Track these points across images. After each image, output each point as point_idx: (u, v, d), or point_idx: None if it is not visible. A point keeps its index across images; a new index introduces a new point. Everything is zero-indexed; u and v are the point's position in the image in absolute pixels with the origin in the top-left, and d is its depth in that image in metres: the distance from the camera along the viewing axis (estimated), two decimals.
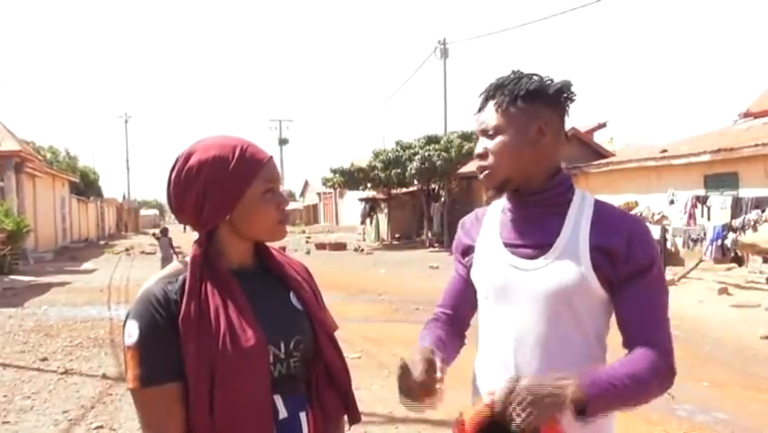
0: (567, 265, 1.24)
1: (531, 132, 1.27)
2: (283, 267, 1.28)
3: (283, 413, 1.16)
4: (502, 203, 1.41)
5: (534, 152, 1.27)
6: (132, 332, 1.10)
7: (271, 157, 1.22)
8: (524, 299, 1.28)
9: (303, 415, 1.18)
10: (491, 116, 1.29)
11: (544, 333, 1.27)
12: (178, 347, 1.09)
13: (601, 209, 1.29)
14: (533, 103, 1.26)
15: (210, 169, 1.15)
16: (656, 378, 1.19)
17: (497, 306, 1.34)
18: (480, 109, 1.33)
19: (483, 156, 1.31)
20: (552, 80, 1.30)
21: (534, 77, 1.29)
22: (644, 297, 1.24)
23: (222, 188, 1.15)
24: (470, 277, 1.42)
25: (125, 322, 1.13)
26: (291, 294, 1.25)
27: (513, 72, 1.32)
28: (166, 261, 12.25)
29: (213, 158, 1.15)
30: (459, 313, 1.49)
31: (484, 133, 1.31)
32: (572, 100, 1.31)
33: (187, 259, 1.18)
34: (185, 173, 1.15)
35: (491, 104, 1.30)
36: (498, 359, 1.33)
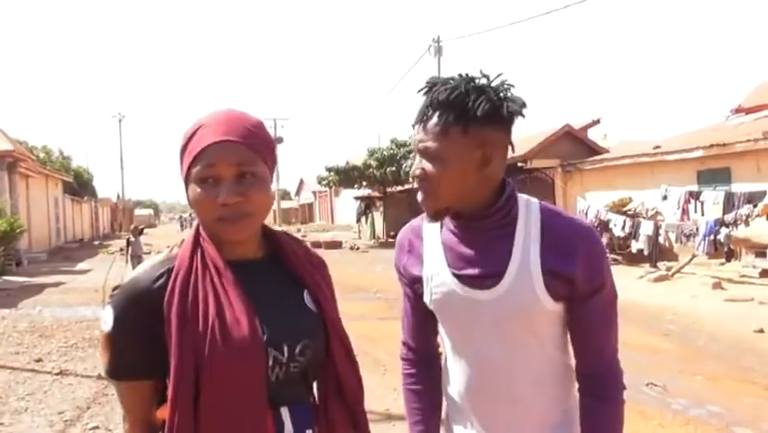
0: (521, 292, 1.18)
1: (476, 159, 1.15)
2: (298, 262, 1.15)
3: (288, 428, 1.05)
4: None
5: (478, 179, 1.17)
6: (108, 320, 1.04)
7: (223, 141, 1.02)
8: (483, 329, 1.23)
9: (310, 432, 1.08)
10: (433, 138, 1.15)
11: (511, 361, 1.23)
12: (159, 344, 1.00)
13: (550, 223, 1.20)
14: (482, 128, 1.13)
15: (180, 142, 1.09)
16: (621, 419, 1.24)
17: (457, 335, 1.30)
18: (421, 121, 1.18)
19: (422, 179, 1.19)
20: (505, 96, 1.15)
21: (484, 92, 1.13)
22: (596, 316, 1.23)
23: (180, 166, 1.08)
24: (421, 298, 1.32)
25: (106, 304, 1.07)
26: (305, 293, 1.13)
27: (461, 80, 1.15)
28: (135, 259, 12.27)
29: (184, 132, 1.08)
30: (428, 347, 1.41)
31: (423, 152, 1.18)
32: (523, 116, 1.18)
33: (180, 245, 1.09)
34: None
35: (434, 121, 1.15)
36: (466, 386, 1.29)
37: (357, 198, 28.33)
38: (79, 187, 34.15)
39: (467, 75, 1.17)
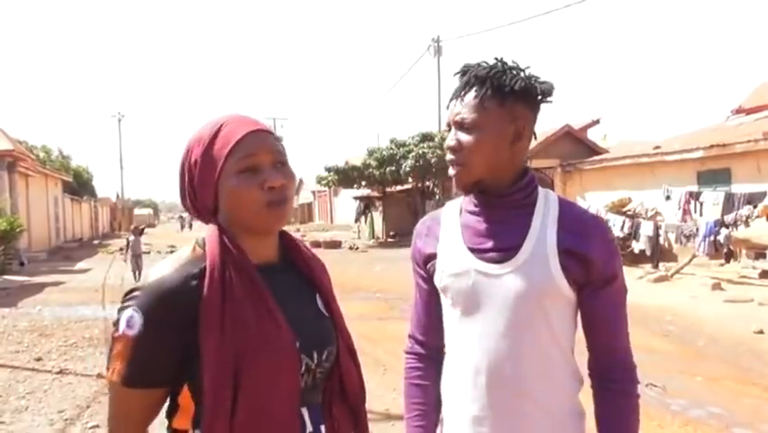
0: (536, 268, 1.19)
1: (509, 133, 1.21)
2: (311, 265, 1.16)
3: (309, 427, 1.07)
4: (458, 203, 1.34)
5: (510, 154, 1.23)
6: (133, 324, 0.97)
7: (255, 131, 1.05)
8: (494, 306, 1.22)
9: (323, 428, 1.10)
10: (470, 110, 1.21)
11: (518, 342, 1.21)
12: (186, 349, 0.97)
13: (566, 210, 1.25)
14: (516, 103, 1.20)
15: (192, 149, 1.06)
16: (638, 412, 1.26)
17: (465, 315, 1.26)
18: (458, 96, 1.24)
19: (456, 150, 1.23)
20: (535, 79, 1.23)
21: (520, 73, 1.22)
22: (609, 309, 1.25)
23: (201, 170, 1.05)
24: (434, 286, 1.33)
25: (125, 307, 1.00)
26: (317, 297, 1.14)
27: (497, 61, 1.23)
28: (137, 258, 12.35)
29: (196, 138, 1.06)
30: (436, 342, 1.38)
31: (459, 124, 1.23)
32: (550, 102, 1.25)
33: (202, 245, 1.05)
34: (181, 157, 1.08)
35: (472, 95, 1.21)
36: (469, 373, 1.26)
37: (356, 198, 28.34)
38: (79, 186, 34.16)
39: (501, 58, 1.25)
